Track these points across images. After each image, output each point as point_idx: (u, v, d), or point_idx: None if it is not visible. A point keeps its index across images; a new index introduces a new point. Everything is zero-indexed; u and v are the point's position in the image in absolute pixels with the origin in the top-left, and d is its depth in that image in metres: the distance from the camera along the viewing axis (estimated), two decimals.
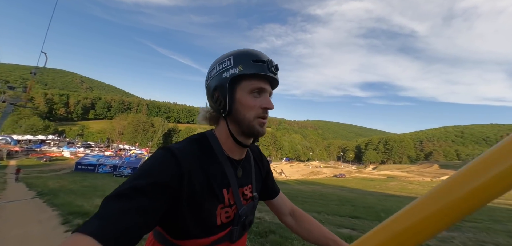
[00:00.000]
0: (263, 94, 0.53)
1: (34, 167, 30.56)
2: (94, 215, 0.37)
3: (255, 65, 0.50)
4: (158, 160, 0.45)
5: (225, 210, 0.52)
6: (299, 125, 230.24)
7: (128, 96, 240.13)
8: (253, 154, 0.67)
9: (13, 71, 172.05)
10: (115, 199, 0.38)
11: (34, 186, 8.74)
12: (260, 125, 0.53)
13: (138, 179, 0.41)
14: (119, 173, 32.06)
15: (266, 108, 0.52)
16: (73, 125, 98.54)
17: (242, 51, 0.53)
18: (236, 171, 0.56)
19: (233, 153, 0.56)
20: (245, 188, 0.59)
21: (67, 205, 3.98)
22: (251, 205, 0.59)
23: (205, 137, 0.56)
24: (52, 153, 46.79)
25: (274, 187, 0.73)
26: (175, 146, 0.49)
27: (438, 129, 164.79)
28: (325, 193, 14.64)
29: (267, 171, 0.71)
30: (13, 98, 10.47)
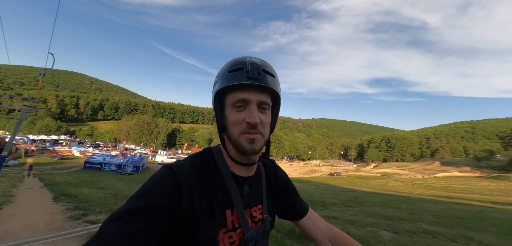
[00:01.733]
0: (248, 106, 0.46)
1: (47, 165, 33.56)
2: (91, 239, 0.35)
3: (230, 76, 0.46)
4: (156, 180, 0.43)
5: (229, 235, 0.46)
6: (304, 124, 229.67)
7: (136, 97, 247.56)
8: (266, 170, 0.60)
9: (27, 73, 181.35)
10: (112, 223, 0.37)
11: (44, 180, 10.74)
12: (249, 142, 0.46)
13: (135, 201, 0.40)
14: (123, 171, 34.49)
15: (248, 123, 0.45)
16: (83, 126, 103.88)
17: (223, 66, 0.49)
18: (242, 189, 0.51)
19: (239, 170, 0.52)
20: (254, 209, 0.52)
21: (60, 191, 5.85)
22: (261, 229, 0.51)
23: (210, 152, 0.53)
24: (64, 152, 50.31)
25: (298, 205, 0.62)
26: (177, 164, 0.47)
27: (447, 125, 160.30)
28: (297, 188, 16.01)
29: (285, 187, 0.63)
30: (26, 108, 12.50)
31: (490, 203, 9.42)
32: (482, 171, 46.53)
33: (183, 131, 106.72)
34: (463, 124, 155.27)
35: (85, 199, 4.79)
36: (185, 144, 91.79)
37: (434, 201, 10.04)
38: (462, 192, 15.87)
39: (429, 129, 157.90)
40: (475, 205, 8.79)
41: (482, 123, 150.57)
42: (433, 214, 6.32)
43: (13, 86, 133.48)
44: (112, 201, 4.85)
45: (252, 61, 0.46)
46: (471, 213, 6.81)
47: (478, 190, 17.72)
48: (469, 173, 45.30)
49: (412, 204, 8.59)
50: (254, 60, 0.47)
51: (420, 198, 11.22)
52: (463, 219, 5.81)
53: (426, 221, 5.12)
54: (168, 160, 57.59)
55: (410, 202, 9.43)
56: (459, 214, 6.48)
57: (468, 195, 13.43)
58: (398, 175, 45.46)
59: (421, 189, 18.92)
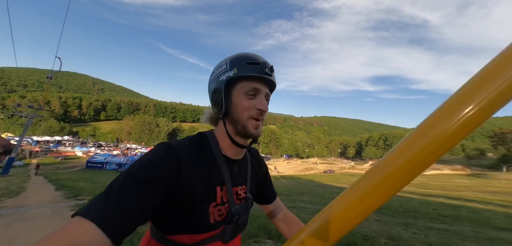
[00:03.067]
0: (258, 95, 0.54)
1: (51, 165, 35.39)
2: (96, 198, 0.39)
3: (249, 67, 0.52)
4: (157, 154, 0.47)
5: (218, 208, 0.53)
6: (305, 121, 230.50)
7: (138, 97, 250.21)
8: (251, 157, 0.68)
9: (30, 75, 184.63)
10: (116, 188, 0.40)
11: (49, 177, 12.34)
12: (254, 127, 0.54)
13: (138, 170, 0.43)
14: (123, 170, 36.29)
15: (259, 110, 0.53)
16: (86, 126, 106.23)
17: (237, 55, 0.55)
18: (232, 169, 0.57)
19: (230, 153, 0.58)
20: (239, 188, 0.59)
21: (61, 184, 7.43)
22: (245, 205, 0.59)
23: (204, 136, 0.58)
24: (67, 152, 52.27)
25: (271, 192, 0.75)
26: (174, 142, 0.51)
27: None
28: (282, 183, 17.48)
29: (265, 176, 0.73)
30: (32, 115, 14.10)
31: (442, 198, 10.53)
32: (472, 169, 47.48)
33: (184, 130, 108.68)
34: None
35: (79, 188, 6.40)
36: None
37: (401, 196, 11.16)
38: (429, 188, 17.15)
39: None
40: (417, 198, 10.04)
41: None
42: (391, 206, 7.03)
43: (17, 88, 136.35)
44: (100, 190, 6.39)
45: (264, 59, 0.55)
46: (416, 204, 7.99)
47: (449, 187, 18.94)
48: (460, 171, 46.27)
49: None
50: (264, 59, 0.56)
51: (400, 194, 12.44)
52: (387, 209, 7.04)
53: (379, 213, 6.29)
54: None
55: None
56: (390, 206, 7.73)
57: (429, 190, 14.74)
58: None
59: (416, 187, 20.03)
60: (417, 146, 0.37)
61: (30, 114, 14.41)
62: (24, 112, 14.36)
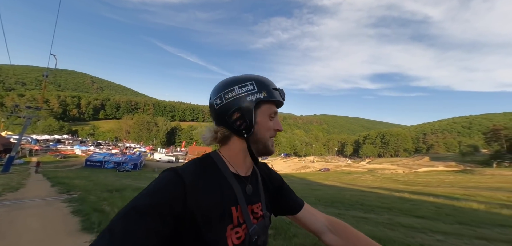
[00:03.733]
0: (275, 117, 0.59)
1: (51, 163, 36.09)
2: (101, 234, 0.38)
3: (275, 92, 0.57)
4: (161, 181, 0.46)
5: (236, 231, 0.50)
6: (305, 120, 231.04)
7: (137, 95, 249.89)
8: (261, 172, 0.66)
9: (28, 73, 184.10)
10: (121, 220, 0.39)
11: (47, 175, 13.01)
12: (272, 145, 0.58)
13: (141, 200, 0.42)
14: (121, 168, 36.87)
15: (277, 130, 0.58)
16: (85, 125, 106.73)
17: (261, 78, 0.57)
18: (245, 187, 0.56)
19: (241, 170, 0.57)
20: (255, 206, 0.57)
21: (57, 181, 8.05)
22: (262, 224, 0.56)
23: (209, 157, 0.57)
24: (66, 151, 52.99)
25: (294, 200, 0.68)
26: (180, 167, 0.50)
27: (445, 121, 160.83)
28: None
29: (279, 186, 0.68)
30: (31, 115, 14.69)
31: (422, 194, 11.17)
32: (465, 166, 48.30)
33: (182, 129, 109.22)
34: (461, 119, 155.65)
35: (73, 185, 7.06)
36: (183, 142, 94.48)
37: (371, 192, 12.00)
38: (414, 184, 17.91)
39: (428, 125, 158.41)
40: (396, 195, 10.74)
41: (480, 118, 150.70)
42: (348, 200, 7.85)
43: (15, 86, 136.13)
44: (92, 187, 7.03)
45: (279, 88, 0.60)
46: (374, 198, 8.80)
47: (434, 183, 19.68)
48: (454, 167, 47.04)
49: (341, 193, 10.63)
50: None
51: (363, 190, 13.25)
52: (360, 203, 7.68)
53: (323, 203, 7.04)
54: (166, 158, 60.08)
55: (349, 193, 11.44)
56: (361, 200, 8.47)
57: (412, 187, 15.48)
58: (382, 170, 47.52)
59: (388, 182, 20.90)
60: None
61: (29, 114, 14.95)
62: (23, 113, 14.93)
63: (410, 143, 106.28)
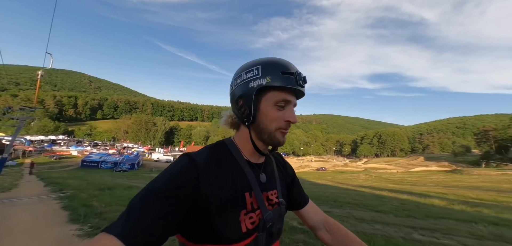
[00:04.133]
0: (288, 106, 0.52)
1: (46, 164, 35.87)
2: (120, 215, 0.41)
3: (283, 77, 0.50)
4: (177, 165, 0.47)
5: (249, 216, 0.50)
6: (304, 120, 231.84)
7: (136, 95, 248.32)
8: (276, 161, 0.65)
9: (22, 73, 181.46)
10: (138, 202, 0.41)
11: (41, 176, 13.13)
12: (282, 135, 0.53)
13: (157, 183, 0.44)
14: (118, 168, 36.71)
15: (288, 121, 0.51)
16: (82, 125, 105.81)
17: (270, 61, 0.52)
18: (258, 173, 0.55)
19: (253, 158, 0.57)
20: (270, 193, 0.57)
21: (50, 181, 8.23)
22: (278, 212, 0.55)
23: (223, 143, 0.57)
24: (62, 151, 52.54)
25: (302, 195, 0.69)
26: (194, 153, 0.50)
27: (441, 121, 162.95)
28: None
29: (292, 179, 0.68)
30: (24, 117, 14.72)
31: (400, 192, 11.60)
32: (457, 165, 49.25)
33: (181, 129, 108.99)
34: (455, 120, 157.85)
35: (66, 184, 7.25)
36: (181, 141, 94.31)
37: (354, 190, 12.29)
38: (403, 184, 18.37)
39: (425, 125, 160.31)
40: (378, 193, 11.12)
41: (473, 118, 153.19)
42: (326, 197, 8.16)
43: (8, 86, 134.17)
44: (84, 186, 7.24)
45: (298, 70, 0.52)
46: (354, 196, 9.14)
47: (423, 182, 20.20)
48: (445, 167, 47.92)
49: (324, 191, 10.93)
50: (297, 69, 0.53)
51: (347, 188, 13.59)
52: (334, 199, 8.01)
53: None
54: (164, 158, 59.91)
55: (331, 190, 11.80)
56: (345, 198, 8.81)
57: (400, 186, 15.92)
58: (377, 169, 48.17)
59: (378, 181, 21.35)
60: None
61: (22, 116, 14.89)
62: (16, 115, 14.90)
63: (406, 143, 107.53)
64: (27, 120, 15.44)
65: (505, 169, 35.08)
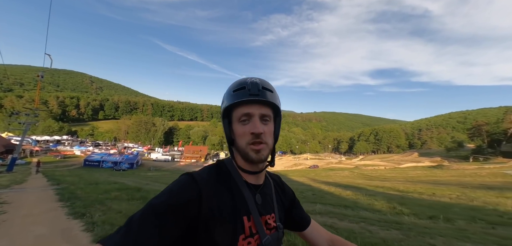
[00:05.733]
0: (251, 119, 0.53)
1: (51, 163, 38.15)
2: (118, 229, 0.41)
3: (234, 94, 0.53)
4: (178, 184, 0.48)
5: (248, 241, 0.50)
6: (304, 118, 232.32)
7: (137, 95, 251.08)
8: (274, 184, 0.66)
9: (26, 73, 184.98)
10: (137, 218, 0.41)
11: (46, 174, 15.06)
12: (255, 152, 0.53)
13: (157, 200, 0.44)
14: (118, 168, 38.87)
15: (253, 133, 0.52)
16: (85, 126, 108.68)
17: (229, 87, 0.56)
18: (255, 196, 0.55)
19: (250, 179, 0.57)
20: (268, 217, 0.56)
21: (53, 178, 10.15)
22: (276, 236, 0.55)
23: (223, 164, 0.58)
24: (66, 151, 55.12)
25: (303, 216, 0.69)
26: (196, 172, 0.52)
27: (441, 116, 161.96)
28: None
29: (292, 200, 0.69)
30: (29, 121, 16.62)
31: (357, 189, 12.98)
32: (450, 161, 50.37)
33: (180, 129, 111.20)
34: (457, 114, 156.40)
35: (63, 180, 9.11)
36: (180, 141, 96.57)
37: (319, 188, 13.58)
38: (377, 180, 19.85)
39: (425, 120, 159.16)
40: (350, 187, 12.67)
41: (475, 112, 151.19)
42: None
43: (13, 87, 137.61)
44: (77, 181, 9.05)
45: (252, 80, 0.54)
46: (315, 191, 10.69)
47: (398, 178, 21.63)
48: (432, 163, 49.08)
49: (297, 187, 12.24)
50: (254, 79, 0.55)
51: (316, 186, 14.98)
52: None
53: None
54: (163, 157, 62.14)
55: (303, 187, 13.13)
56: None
57: (370, 182, 17.44)
58: (367, 166, 49.65)
59: (355, 177, 22.90)
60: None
61: (28, 120, 16.85)
62: (22, 119, 16.82)
63: (403, 139, 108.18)
64: (31, 124, 17.44)
65: (492, 162, 36.15)
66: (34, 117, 16.81)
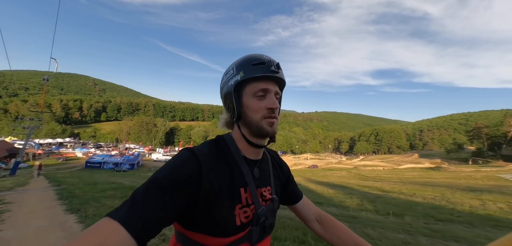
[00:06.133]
0: (267, 94, 0.55)
1: (53, 166, 38.88)
2: (123, 202, 0.43)
3: (255, 68, 0.54)
4: (179, 158, 0.50)
5: (244, 210, 0.53)
6: (305, 117, 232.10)
7: (139, 96, 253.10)
8: (272, 159, 0.69)
9: (31, 77, 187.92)
10: (141, 192, 0.44)
11: (47, 176, 15.70)
12: (269, 125, 0.55)
13: (160, 175, 0.46)
14: (119, 169, 39.34)
15: (270, 108, 0.54)
16: (87, 127, 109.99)
17: (243, 58, 0.57)
18: (253, 170, 0.58)
19: (249, 154, 0.59)
20: (264, 189, 0.60)
21: (54, 179, 10.74)
22: (271, 207, 0.59)
23: (223, 139, 0.60)
24: (68, 153, 56.01)
25: (296, 192, 0.74)
26: (195, 147, 0.53)
27: (443, 117, 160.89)
28: None
29: (287, 176, 0.73)
30: (33, 126, 17.33)
31: (343, 187, 13.53)
32: (450, 163, 50.25)
33: (181, 129, 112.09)
34: (458, 116, 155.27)
35: (64, 181, 9.68)
36: (181, 141, 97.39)
37: (307, 186, 14.00)
38: (371, 180, 20.16)
39: (426, 121, 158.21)
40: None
41: (477, 115, 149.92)
42: None
43: (19, 91, 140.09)
44: (77, 182, 9.63)
45: (270, 58, 0.56)
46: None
47: (393, 178, 21.91)
48: (431, 164, 49.00)
49: None
50: (270, 57, 0.56)
51: (306, 186, 15.49)
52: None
53: None
54: (163, 157, 62.80)
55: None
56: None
57: (364, 182, 17.79)
58: (365, 166, 49.70)
59: (349, 178, 23.23)
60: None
61: (32, 125, 17.55)
62: (26, 124, 17.52)
63: (404, 140, 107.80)
64: (35, 128, 18.16)
65: (491, 166, 36.12)
66: (38, 121, 17.51)
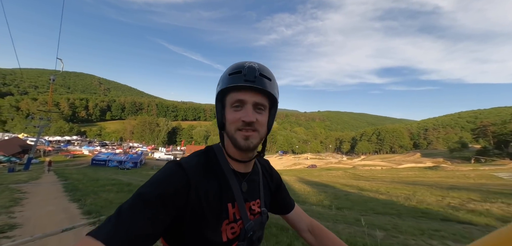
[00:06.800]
0: (244, 106, 0.51)
1: (62, 163, 40.79)
2: (107, 219, 0.41)
3: (230, 78, 0.51)
4: (165, 172, 0.48)
5: (231, 226, 0.52)
6: (307, 117, 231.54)
7: (142, 96, 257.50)
8: (262, 168, 0.67)
9: (40, 76, 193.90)
10: (127, 208, 0.42)
11: (56, 172, 16.96)
12: (244, 138, 0.51)
13: (146, 189, 0.44)
14: (123, 166, 40.96)
15: (243, 121, 0.50)
16: (93, 126, 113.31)
17: (227, 68, 0.54)
18: (241, 185, 0.56)
19: (238, 167, 0.57)
20: (253, 203, 0.58)
21: (61, 175, 11.93)
22: (259, 221, 0.58)
23: (212, 150, 0.57)
24: (75, 151, 58.32)
25: (287, 201, 0.72)
26: (183, 160, 0.51)
27: (450, 115, 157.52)
28: None
29: (278, 185, 0.71)
30: (43, 125, 18.66)
31: (328, 186, 14.21)
32: (453, 162, 49.79)
33: (183, 129, 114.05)
34: (466, 114, 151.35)
35: (70, 177, 10.83)
36: (182, 141, 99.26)
37: (294, 186, 14.65)
38: (361, 179, 20.71)
39: (432, 120, 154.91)
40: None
41: (487, 112, 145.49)
42: None
43: (28, 89, 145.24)
44: (82, 178, 10.71)
45: (250, 65, 0.51)
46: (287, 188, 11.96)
47: (389, 177, 22.25)
48: (430, 164, 48.72)
49: None
50: (252, 64, 0.52)
51: (292, 186, 16.28)
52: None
53: None
54: (165, 156, 64.38)
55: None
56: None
57: (354, 181, 18.40)
58: (364, 166, 49.90)
59: (342, 177, 23.75)
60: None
61: (42, 124, 18.93)
62: (36, 123, 18.91)
63: (407, 139, 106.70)
64: (45, 127, 19.54)
65: (492, 164, 35.75)
66: (47, 120, 18.87)
